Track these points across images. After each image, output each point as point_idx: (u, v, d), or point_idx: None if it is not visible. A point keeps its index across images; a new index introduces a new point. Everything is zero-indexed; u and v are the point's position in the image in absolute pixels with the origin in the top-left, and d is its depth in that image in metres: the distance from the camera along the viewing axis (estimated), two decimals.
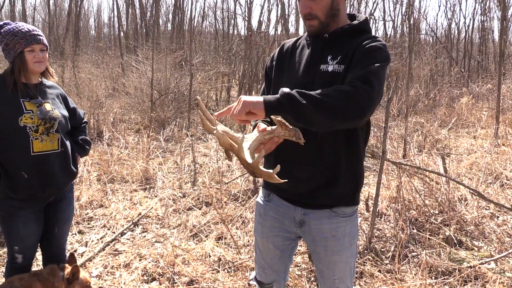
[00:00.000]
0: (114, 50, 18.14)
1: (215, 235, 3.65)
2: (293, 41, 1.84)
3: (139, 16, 18.58)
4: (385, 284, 2.90)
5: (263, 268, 1.96)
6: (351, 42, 1.63)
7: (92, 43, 25.37)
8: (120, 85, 10.77)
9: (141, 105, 8.99)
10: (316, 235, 1.76)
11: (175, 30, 16.83)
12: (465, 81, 13.72)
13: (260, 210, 1.91)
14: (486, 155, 5.96)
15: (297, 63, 1.73)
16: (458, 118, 8.97)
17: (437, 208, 4.07)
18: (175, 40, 14.62)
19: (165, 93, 9.19)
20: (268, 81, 1.87)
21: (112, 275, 3.12)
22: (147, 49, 10.75)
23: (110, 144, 6.56)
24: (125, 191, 4.78)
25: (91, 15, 37.29)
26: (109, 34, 27.73)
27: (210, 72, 10.87)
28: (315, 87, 1.57)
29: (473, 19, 25.24)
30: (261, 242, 1.93)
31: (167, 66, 9.51)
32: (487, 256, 3.36)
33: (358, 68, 1.52)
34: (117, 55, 15.76)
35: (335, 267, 1.79)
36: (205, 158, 6.12)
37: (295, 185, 1.71)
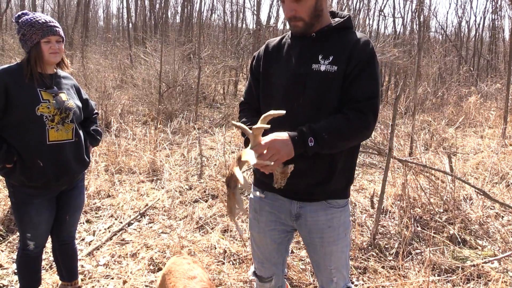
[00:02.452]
0: (123, 41, 18.20)
1: (221, 228, 3.69)
2: (277, 40, 1.85)
3: (148, 7, 18.62)
4: (388, 280, 2.93)
5: (262, 262, 1.99)
6: (339, 41, 1.68)
7: (101, 34, 25.45)
8: (128, 77, 10.83)
9: (149, 97, 9.03)
10: (312, 227, 1.80)
11: (183, 23, 16.84)
12: (474, 80, 13.63)
13: (255, 206, 1.92)
14: (492, 155, 5.95)
15: (286, 61, 1.74)
16: (465, 117, 8.94)
17: (442, 206, 4.08)
18: (184, 33, 14.63)
19: (173, 85, 9.23)
20: (255, 80, 1.87)
21: (119, 264, 3.17)
22: (156, 41, 10.79)
23: (118, 135, 6.61)
24: (132, 182, 4.83)
25: (100, 6, 37.38)
26: (118, 25, 27.79)
27: (218, 65, 10.89)
28: (307, 85, 1.66)
29: (484, 17, 25.01)
30: (258, 237, 1.94)
31: (175, 59, 9.54)
32: (491, 255, 3.38)
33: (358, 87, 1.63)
34: (126, 46, 15.82)
35: (332, 257, 1.83)
36: (211, 151, 6.16)
37: (293, 182, 1.72)
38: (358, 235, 3.53)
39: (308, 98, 1.67)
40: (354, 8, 14.81)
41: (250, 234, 2.01)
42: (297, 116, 1.66)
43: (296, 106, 1.67)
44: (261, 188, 1.89)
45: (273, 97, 1.76)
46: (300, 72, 1.68)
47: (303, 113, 1.67)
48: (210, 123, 8.45)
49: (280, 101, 1.71)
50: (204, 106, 10.38)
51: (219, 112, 9.68)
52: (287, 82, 1.71)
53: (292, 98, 1.69)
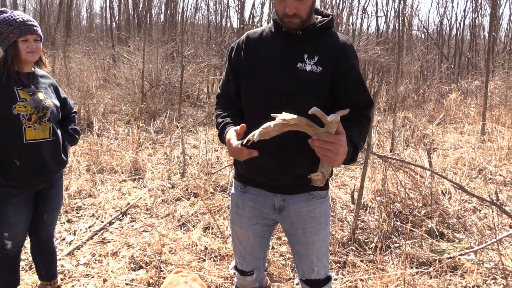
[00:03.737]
0: (106, 41, 18.02)
1: (202, 225, 3.71)
2: (258, 33, 1.82)
3: (132, 6, 18.47)
4: (367, 274, 2.98)
5: (243, 257, 2.00)
6: (323, 42, 1.71)
7: (84, 33, 25.13)
8: (111, 76, 10.74)
9: (132, 96, 8.98)
10: (295, 218, 1.83)
11: (167, 22, 16.76)
12: (455, 77, 13.85)
13: (237, 201, 1.93)
14: (471, 150, 6.07)
15: (269, 57, 1.73)
16: (446, 114, 9.09)
17: (421, 201, 4.15)
18: (167, 31, 14.56)
19: (156, 84, 9.19)
20: (233, 72, 1.84)
21: (100, 263, 3.17)
22: (139, 40, 10.72)
23: (100, 134, 6.57)
24: (114, 181, 4.81)
25: (83, 5, 36.94)
26: (101, 25, 27.47)
27: (202, 64, 10.87)
28: (292, 84, 1.67)
29: (464, 16, 25.43)
30: (240, 233, 1.95)
31: (158, 58, 9.50)
32: (467, 248, 3.45)
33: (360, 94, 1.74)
34: (109, 46, 15.67)
35: (314, 247, 1.87)
36: (194, 149, 6.16)
37: (277, 177, 1.76)
38: (338, 230, 3.58)
39: (293, 97, 1.68)
40: (337, 7, 14.92)
41: (232, 229, 2.01)
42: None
43: (280, 104, 1.68)
44: (243, 182, 1.90)
45: (255, 93, 1.75)
46: (285, 70, 1.69)
47: (288, 112, 1.69)
48: (194, 122, 8.44)
49: (264, 98, 1.72)
50: (188, 105, 10.35)
51: (203, 111, 9.67)
52: (271, 79, 1.71)
53: (276, 95, 1.69)
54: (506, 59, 13.75)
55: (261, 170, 1.77)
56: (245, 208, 1.90)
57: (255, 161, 1.67)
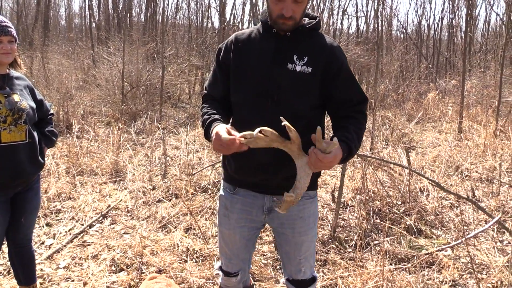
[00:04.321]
0: (85, 41, 17.78)
1: (184, 226, 3.70)
2: (246, 33, 1.82)
3: (111, 6, 18.27)
4: (347, 271, 3.03)
5: (229, 258, 2.00)
6: (312, 43, 1.74)
7: (63, 33, 24.73)
8: (91, 77, 10.61)
9: (112, 97, 8.89)
10: (284, 218, 1.84)
11: (148, 22, 16.63)
12: (433, 77, 14.10)
13: (226, 203, 1.92)
14: (448, 148, 6.20)
15: (259, 58, 1.74)
16: (424, 113, 9.25)
17: (399, 198, 4.23)
18: (148, 32, 14.46)
19: (136, 85, 9.12)
20: (222, 72, 1.83)
21: (80, 266, 3.14)
22: (119, 40, 10.62)
23: (79, 136, 6.49)
24: (94, 184, 4.76)
25: (61, 5, 36.36)
26: (80, 25, 27.11)
27: (183, 64, 10.82)
28: (282, 84, 1.69)
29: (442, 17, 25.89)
30: (227, 234, 1.94)
31: (139, 58, 9.43)
32: (445, 244, 3.53)
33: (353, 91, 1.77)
34: (88, 46, 15.48)
35: (302, 247, 1.89)
36: (176, 151, 6.14)
37: (267, 178, 1.77)
38: (319, 229, 3.62)
39: (283, 97, 1.70)
40: (318, 7, 15.04)
41: (219, 230, 2.00)
42: (272, 114, 1.68)
43: (270, 104, 1.69)
44: (233, 184, 1.89)
45: (245, 93, 1.75)
46: (275, 70, 1.70)
47: (278, 112, 1.67)
48: (175, 122, 8.41)
49: (254, 98, 1.72)
50: (169, 105, 10.29)
51: (184, 112, 9.63)
52: (261, 79, 1.71)
53: (267, 95, 1.70)
54: (482, 58, 14.08)
55: (252, 170, 1.77)
56: (234, 210, 1.89)
57: (246, 161, 1.68)
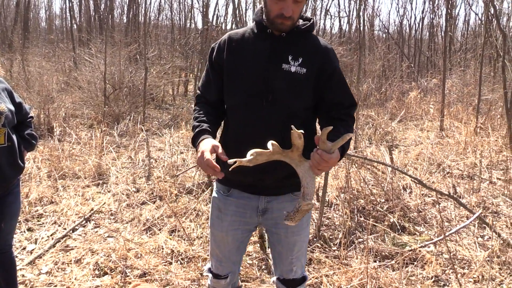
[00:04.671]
0: (66, 43, 17.54)
1: (168, 228, 3.68)
2: (240, 33, 1.81)
3: (93, 8, 18.04)
4: (331, 269, 3.04)
5: (220, 261, 1.98)
6: (307, 44, 1.75)
7: (43, 35, 24.32)
8: (73, 80, 10.47)
9: (94, 99, 8.78)
10: (278, 219, 1.83)
11: (130, 23, 16.47)
12: (415, 76, 14.29)
13: (219, 205, 1.90)
14: (430, 146, 6.29)
15: (253, 58, 1.74)
16: (407, 111, 9.37)
17: (383, 196, 4.27)
18: (130, 33, 14.33)
19: (119, 87, 9.03)
20: (215, 73, 1.82)
21: (63, 271, 3.09)
22: (101, 42, 10.50)
23: (61, 139, 6.40)
24: (77, 187, 4.70)
25: (41, 6, 35.79)
26: (61, 26, 26.70)
27: (166, 66, 10.75)
28: (277, 85, 1.69)
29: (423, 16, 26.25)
30: (220, 236, 1.92)
31: (121, 60, 9.33)
32: (428, 240, 3.58)
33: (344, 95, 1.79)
34: (69, 48, 15.26)
35: (294, 247, 1.89)
36: (160, 152, 6.10)
37: (262, 178, 1.75)
38: None
39: (278, 97, 1.70)
40: None
41: (211, 233, 1.97)
42: (267, 115, 1.69)
43: (265, 104, 1.69)
44: (227, 185, 1.87)
45: (239, 94, 1.74)
46: (270, 70, 1.70)
47: (273, 113, 1.70)
48: (159, 124, 8.35)
49: (249, 99, 1.72)
50: (153, 107, 10.22)
51: (168, 113, 9.57)
52: (256, 79, 1.71)
53: (262, 96, 1.70)
54: (462, 57, 14.32)
55: (247, 171, 1.70)
56: (228, 212, 1.87)
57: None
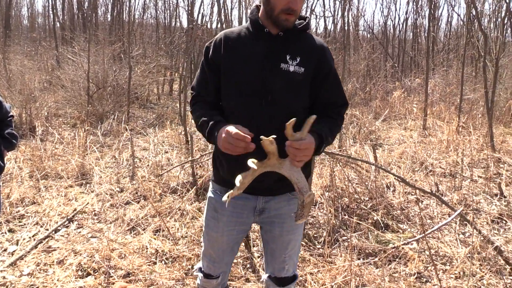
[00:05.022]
0: (49, 41, 17.28)
1: (153, 228, 3.66)
2: (235, 32, 1.78)
3: (76, 5, 17.80)
4: (316, 267, 3.06)
5: (213, 261, 1.96)
6: (303, 43, 1.75)
7: (25, 33, 23.93)
8: (55, 78, 10.32)
9: (78, 98, 8.68)
10: (275, 218, 1.84)
11: (114, 21, 16.30)
12: (399, 75, 14.44)
13: (216, 205, 1.87)
14: (414, 144, 6.37)
15: (250, 56, 1.72)
16: (390, 111, 9.46)
17: (367, 194, 4.31)
18: (114, 31, 14.18)
19: (103, 86, 8.93)
20: (212, 72, 1.78)
21: (45, 272, 3.05)
22: (84, 40, 10.37)
23: (43, 139, 6.31)
24: (59, 187, 4.64)
25: (23, 4, 35.16)
26: (44, 24, 26.26)
27: (151, 65, 10.67)
28: (276, 84, 1.68)
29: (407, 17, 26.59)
30: (215, 237, 1.90)
31: (105, 59, 9.24)
32: (410, 237, 3.63)
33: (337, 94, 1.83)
34: (52, 46, 15.05)
35: (288, 245, 1.90)
36: (144, 152, 6.06)
37: (261, 180, 1.71)
38: None
39: (277, 97, 1.69)
40: None
41: (206, 233, 1.94)
42: (266, 115, 1.69)
43: (264, 104, 1.68)
44: (225, 186, 1.82)
45: (237, 94, 1.72)
46: (268, 70, 1.69)
47: (272, 113, 1.69)
48: (144, 123, 8.29)
49: (247, 99, 1.70)
50: (137, 106, 10.13)
51: (153, 112, 9.51)
52: (254, 79, 1.69)
53: (260, 96, 1.69)
54: (445, 58, 14.53)
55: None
56: (224, 213, 1.84)
57: (241, 162, 1.61)
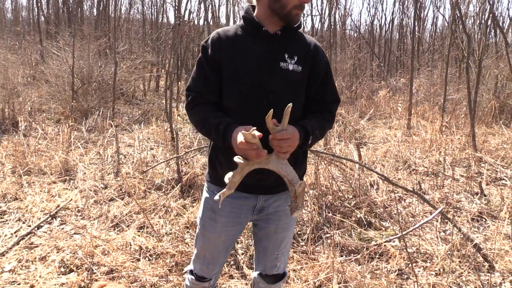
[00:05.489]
0: (33, 35, 17.02)
1: (137, 225, 3.65)
2: (231, 31, 1.75)
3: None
4: (299, 264, 3.09)
5: (207, 264, 1.92)
6: (299, 42, 1.77)
7: (9, 27, 23.53)
8: (39, 73, 10.19)
9: (62, 94, 8.58)
10: (272, 215, 1.85)
11: (100, 16, 16.12)
12: (385, 75, 14.59)
13: (213, 206, 1.81)
14: (398, 143, 6.45)
15: (251, 56, 1.71)
16: (376, 110, 9.56)
17: (351, 193, 4.36)
18: (100, 26, 14.03)
19: (88, 81, 8.84)
20: (213, 72, 1.73)
21: (27, 268, 3.02)
22: (69, 35, 10.25)
23: (26, 135, 6.23)
24: (42, 183, 4.59)
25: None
26: (28, 18, 25.85)
27: (137, 60, 10.60)
28: (277, 83, 1.69)
29: (393, 17, 26.83)
30: (212, 238, 1.87)
31: (90, 54, 9.14)
32: (393, 235, 3.69)
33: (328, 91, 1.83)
34: (36, 41, 14.83)
35: (282, 243, 1.91)
36: (129, 148, 6.02)
37: (262, 178, 1.73)
38: None
39: (278, 96, 1.69)
40: None
41: (202, 235, 1.89)
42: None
43: (266, 103, 1.67)
44: (223, 186, 1.73)
45: (241, 93, 1.70)
46: (269, 69, 1.69)
47: (274, 112, 1.67)
48: (129, 120, 8.23)
49: (250, 98, 1.69)
50: (123, 102, 10.06)
51: (139, 109, 9.45)
52: (256, 78, 1.69)
53: (262, 95, 1.68)
54: (430, 58, 14.71)
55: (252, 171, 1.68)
56: (222, 213, 1.81)
57: None
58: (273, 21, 1.72)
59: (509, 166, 5.75)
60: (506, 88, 9.57)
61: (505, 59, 9.04)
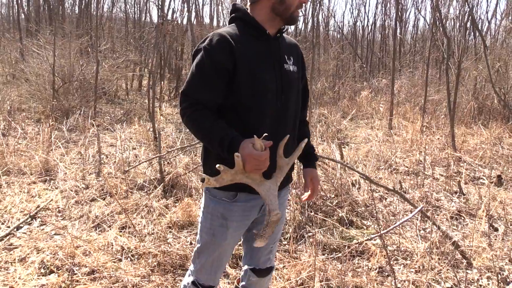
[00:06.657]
0: (13, 33, 16.70)
1: (119, 225, 3.62)
2: (233, 33, 1.67)
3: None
4: (282, 263, 3.11)
5: (215, 271, 1.86)
6: (287, 43, 1.83)
7: None
8: (19, 72, 10.01)
9: (43, 93, 8.44)
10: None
11: (82, 14, 15.91)
12: (367, 76, 14.75)
13: (224, 213, 1.75)
14: (379, 143, 6.54)
15: (260, 58, 1.68)
16: (358, 110, 9.66)
17: (333, 192, 4.40)
18: (82, 24, 13.85)
19: (69, 80, 8.73)
20: (222, 76, 1.63)
21: (6, 270, 2.97)
22: (50, 33, 10.10)
23: (6, 134, 6.12)
24: (22, 184, 4.52)
25: None
26: (8, 16, 25.33)
27: (119, 60, 10.50)
28: (283, 84, 1.72)
29: (375, 19, 27.12)
30: (224, 246, 1.81)
31: (71, 52, 9.02)
32: (374, 233, 3.74)
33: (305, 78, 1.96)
34: (16, 38, 14.57)
35: (276, 236, 1.96)
36: (111, 148, 5.96)
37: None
38: None
39: (288, 97, 1.72)
40: None
41: (212, 243, 1.81)
42: (282, 116, 1.71)
43: (280, 105, 1.70)
44: (233, 190, 1.72)
45: (257, 95, 1.66)
46: (276, 71, 1.71)
47: (286, 113, 1.72)
48: (111, 119, 8.15)
49: (264, 100, 1.67)
50: (104, 102, 9.95)
51: (121, 108, 9.36)
52: (269, 80, 1.68)
53: (275, 97, 1.69)
54: (411, 59, 14.92)
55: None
56: (234, 219, 1.76)
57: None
58: (274, 23, 1.72)
59: (487, 166, 5.88)
60: (485, 89, 9.78)
61: (483, 61, 9.25)
